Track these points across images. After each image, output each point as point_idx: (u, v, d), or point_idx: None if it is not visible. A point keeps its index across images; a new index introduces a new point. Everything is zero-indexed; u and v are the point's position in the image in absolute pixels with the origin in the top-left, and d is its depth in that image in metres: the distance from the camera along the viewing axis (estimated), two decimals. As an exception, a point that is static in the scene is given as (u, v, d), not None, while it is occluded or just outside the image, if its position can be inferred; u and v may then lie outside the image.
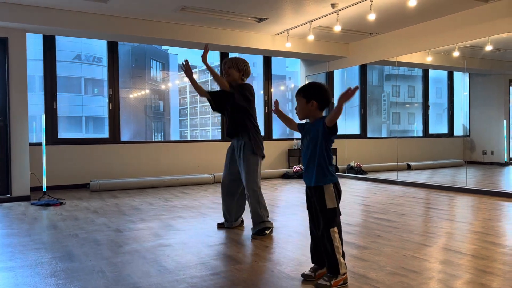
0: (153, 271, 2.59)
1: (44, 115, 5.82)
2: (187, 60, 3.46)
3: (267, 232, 3.45)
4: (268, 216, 3.54)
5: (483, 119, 7.66)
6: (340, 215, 2.40)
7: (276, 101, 2.59)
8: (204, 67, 3.57)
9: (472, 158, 7.69)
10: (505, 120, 7.31)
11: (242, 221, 3.87)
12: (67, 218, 4.28)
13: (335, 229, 2.32)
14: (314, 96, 2.38)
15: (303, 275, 2.44)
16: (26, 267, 2.70)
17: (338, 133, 2.35)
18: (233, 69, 3.55)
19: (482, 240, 3.21)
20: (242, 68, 3.57)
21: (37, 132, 6.60)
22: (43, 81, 6.43)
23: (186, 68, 3.52)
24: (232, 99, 3.51)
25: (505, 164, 7.42)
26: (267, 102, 8.31)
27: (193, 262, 2.77)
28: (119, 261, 2.80)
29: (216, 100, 3.69)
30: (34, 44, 6.42)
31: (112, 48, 6.87)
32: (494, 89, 7.64)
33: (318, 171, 2.36)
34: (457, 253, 2.88)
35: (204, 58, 3.53)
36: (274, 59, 8.36)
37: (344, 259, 2.33)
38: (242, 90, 3.47)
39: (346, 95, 2.14)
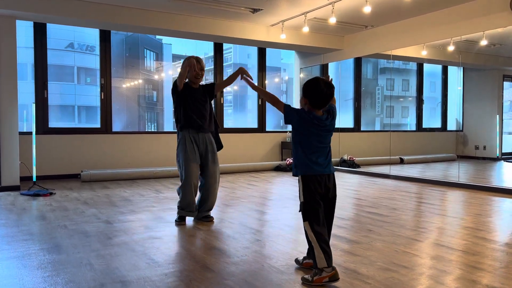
0: (142, 264, 2.56)
1: (34, 104, 5.74)
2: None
3: None
4: None
5: (476, 113, 7.67)
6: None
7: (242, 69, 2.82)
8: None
9: (464, 153, 7.71)
10: (498, 115, 7.32)
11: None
12: (56, 208, 4.23)
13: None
14: (305, 93, 2.36)
15: (296, 260, 2.58)
16: (13, 259, 2.66)
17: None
18: (203, 71, 3.81)
19: (473, 236, 3.21)
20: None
21: (28, 121, 6.51)
22: (34, 70, 6.33)
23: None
24: (206, 95, 3.83)
25: (497, 159, 7.44)
26: (261, 94, 8.25)
27: (183, 255, 2.75)
28: (108, 253, 2.77)
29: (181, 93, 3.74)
30: (26, 32, 6.32)
31: (105, 37, 6.77)
32: (488, 84, 7.64)
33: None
34: (448, 249, 2.88)
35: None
36: (269, 51, 8.29)
37: (325, 256, 2.24)
38: (214, 91, 3.91)
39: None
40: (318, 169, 2.34)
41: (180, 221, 3.67)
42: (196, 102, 3.73)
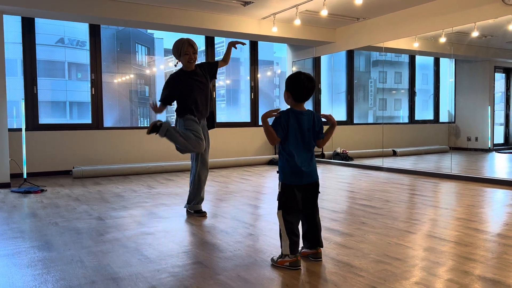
0: (133, 260, 2.54)
1: (23, 100, 5.67)
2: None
3: None
4: None
5: (468, 105, 7.69)
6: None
7: None
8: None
9: (456, 144, 7.74)
10: (489, 107, 7.35)
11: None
12: (47, 206, 4.19)
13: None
14: (288, 87, 2.45)
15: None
16: (3, 257, 2.62)
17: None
18: (196, 55, 3.71)
19: (466, 227, 3.22)
20: None
21: (18, 117, 6.43)
22: (22, 65, 6.25)
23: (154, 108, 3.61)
24: (206, 75, 3.72)
25: (489, 150, 7.48)
26: (254, 88, 8.22)
27: (175, 251, 2.73)
28: (99, 250, 2.74)
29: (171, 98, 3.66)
30: (16, 27, 6.22)
31: (94, 32, 6.69)
32: (480, 75, 7.65)
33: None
34: (441, 240, 2.88)
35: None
36: (261, 44, 8.25)
37: (291, 244, 2.38)
38: (217, 69, 3.83)
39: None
40: (302, 179, 2.42)
41: (200, 213, 3.69)
42: (198, 85, 3.59)
